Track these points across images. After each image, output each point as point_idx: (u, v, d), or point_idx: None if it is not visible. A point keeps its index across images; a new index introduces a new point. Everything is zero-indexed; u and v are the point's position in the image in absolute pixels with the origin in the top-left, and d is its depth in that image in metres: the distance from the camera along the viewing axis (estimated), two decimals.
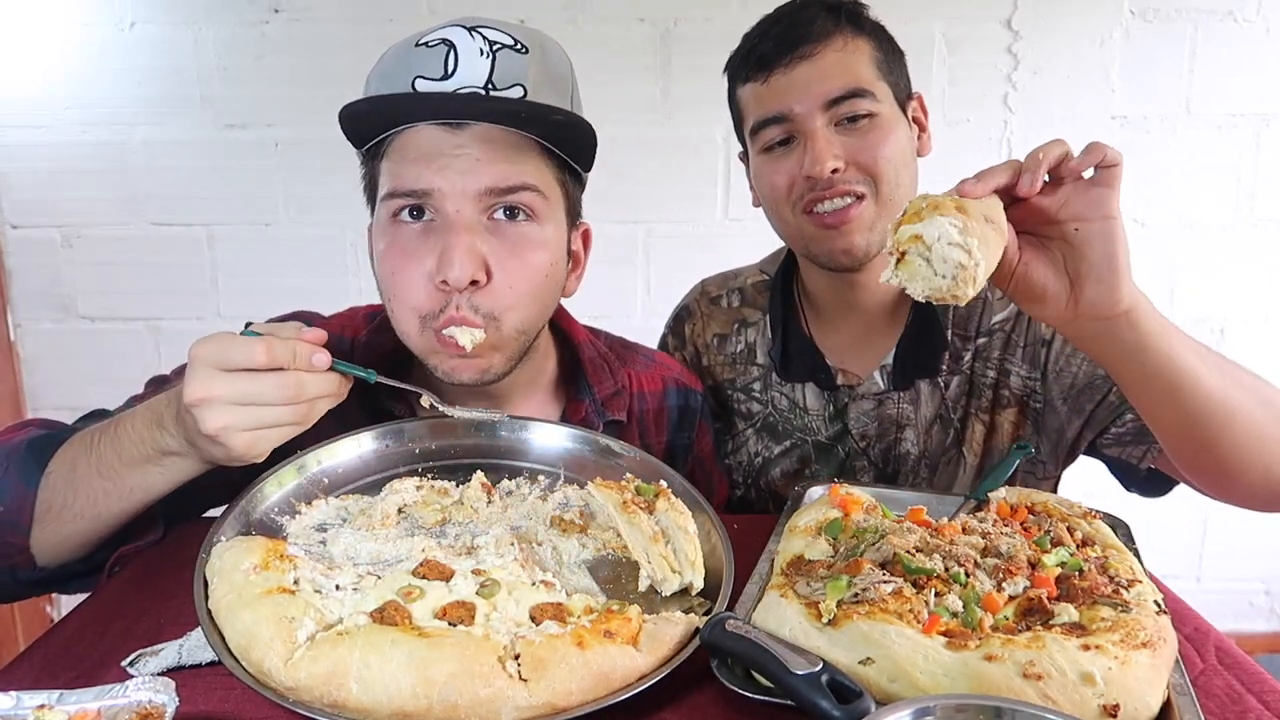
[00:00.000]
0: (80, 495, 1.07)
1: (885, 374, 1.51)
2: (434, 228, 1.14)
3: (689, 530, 1.04)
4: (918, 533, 1.00)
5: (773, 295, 1.61)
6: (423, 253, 1.13)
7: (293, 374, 0.99)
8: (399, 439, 1.22)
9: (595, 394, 1.37)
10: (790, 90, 1.36)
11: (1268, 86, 2.78)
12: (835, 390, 1.53)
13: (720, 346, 1.64)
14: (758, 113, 1.40)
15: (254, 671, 0.81)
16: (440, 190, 1.12)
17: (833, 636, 0.84)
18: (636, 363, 1.48)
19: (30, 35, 2.74)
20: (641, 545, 1.00)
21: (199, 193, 2.82)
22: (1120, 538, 1.06)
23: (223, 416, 0.96)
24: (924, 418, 1.50)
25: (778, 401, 1.58)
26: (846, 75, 1.35)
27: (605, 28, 2.73)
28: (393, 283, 1.17)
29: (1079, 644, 0.79)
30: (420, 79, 1.11)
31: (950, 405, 1.48)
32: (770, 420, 1.58)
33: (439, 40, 1.13)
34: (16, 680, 0.89)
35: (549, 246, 1.20)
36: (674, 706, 0.85)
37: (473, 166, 1.12)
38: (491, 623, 0.88)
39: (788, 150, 1.39)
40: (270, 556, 0.93)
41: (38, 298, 2.91)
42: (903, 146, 1.39)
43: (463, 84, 1.11)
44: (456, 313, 1.14)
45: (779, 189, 1.41)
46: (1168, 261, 2.89)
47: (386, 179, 1.16)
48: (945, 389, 1.49)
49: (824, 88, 1.35)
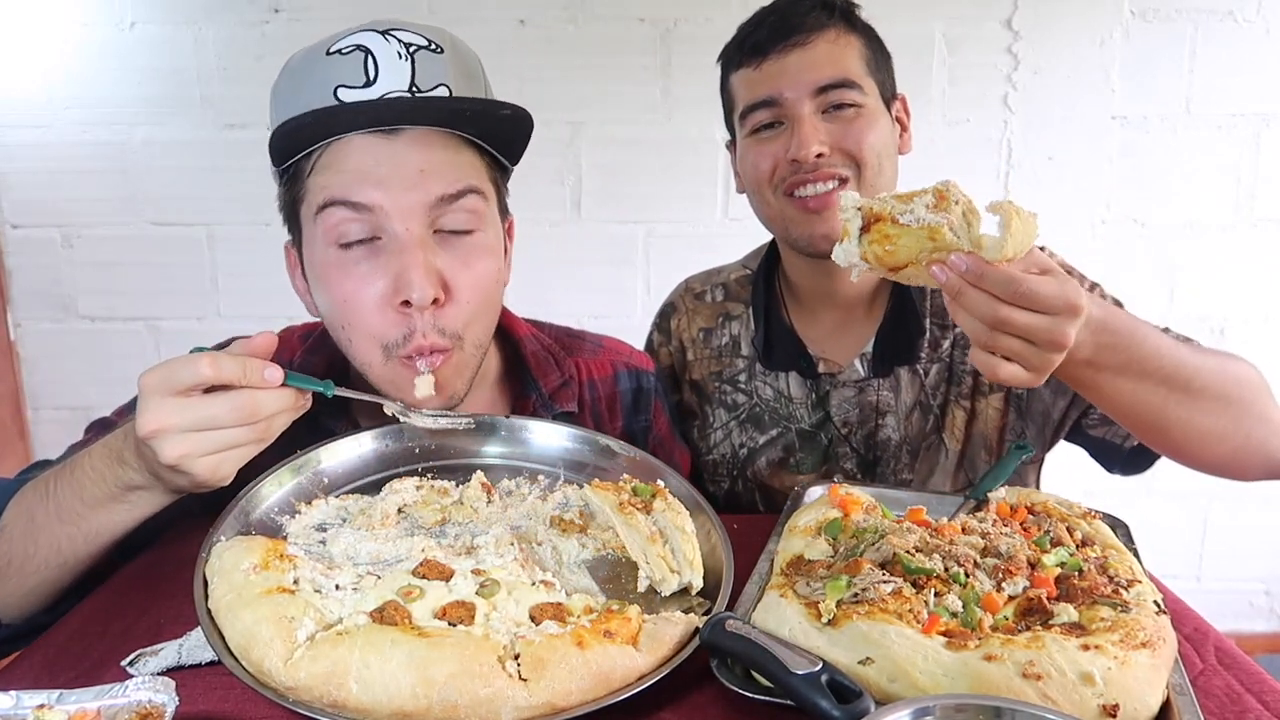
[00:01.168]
0: (42, 545, 1.04)
1: (865, 361, 1.54)
2: (381, 248, 1.09)
3: (687, 530, 1.04)
4: (917, 533, 1.00)
5: (755, 287, 1.65)
6: (374, 276, 1.09)
7: (246, 392, 0.95)
8: (399, 439, 1.22)
9: (541, 388, 1.35)
10: (782, 75, 1.41)
11: (1268, 86, 2.78)
12: (817, 378, 1.57)
13: (706, 340, 1.68)
14: (748, 97, 1.46)
15: (254, 671, 0.81)
16: (384, 208, 1.07)
17: (832, 636, 0.84)
18: (584, 350, 1.46)
19: (30, 35, 2.74)
20: (639, 546, 1.00)
21: (199, 193, 2.82)
22: (1120, 538, 1.06)
23: (180, 445, 0.93)
24: (904, 404, 1.53)
25: (762, 391, 1.61)
26: (836, 65, 1.41)
27: (605, 28, 2.73)
28: (345, 311, 1.11)
29: (1078, 644, 0.79)
30: (342, 88, 1.06)
31: (930, 392, 1.52)
32: (756, 411, 1.62)
33: (353, 47, 1.08)
34: (16, 680, 0.89)
35: (494, 251, 1.18)
36: (674, 706, 0.85)
37: (417, 179, 1.08)
38: (491, 623, 0.88)
39: (774, 134, 1.45)
40: (270, 556, 0.93)
41: (38, 298, 2.91)
42: (886, 138, 1.44)
43: (388, 89, 1.07)
44: (424, 340, 1.11)
45: (763, 171, 1.45)
46: (1168, 261, 2.89)
47: (319, 192, 1.09)
48: (924, 376, 1.53)
49: (814, 75, 1.40)
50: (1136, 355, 1.13)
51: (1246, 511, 3.01)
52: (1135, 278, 2.87)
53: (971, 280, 0.97)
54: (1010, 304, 0.97)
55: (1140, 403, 1.17)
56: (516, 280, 1.65)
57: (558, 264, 2.78)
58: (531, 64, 2.73)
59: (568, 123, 2.78)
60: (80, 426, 1.35)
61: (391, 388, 1.15)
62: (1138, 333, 1.13)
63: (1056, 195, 2.84)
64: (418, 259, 1.07)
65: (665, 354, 1.71)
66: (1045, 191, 2.84)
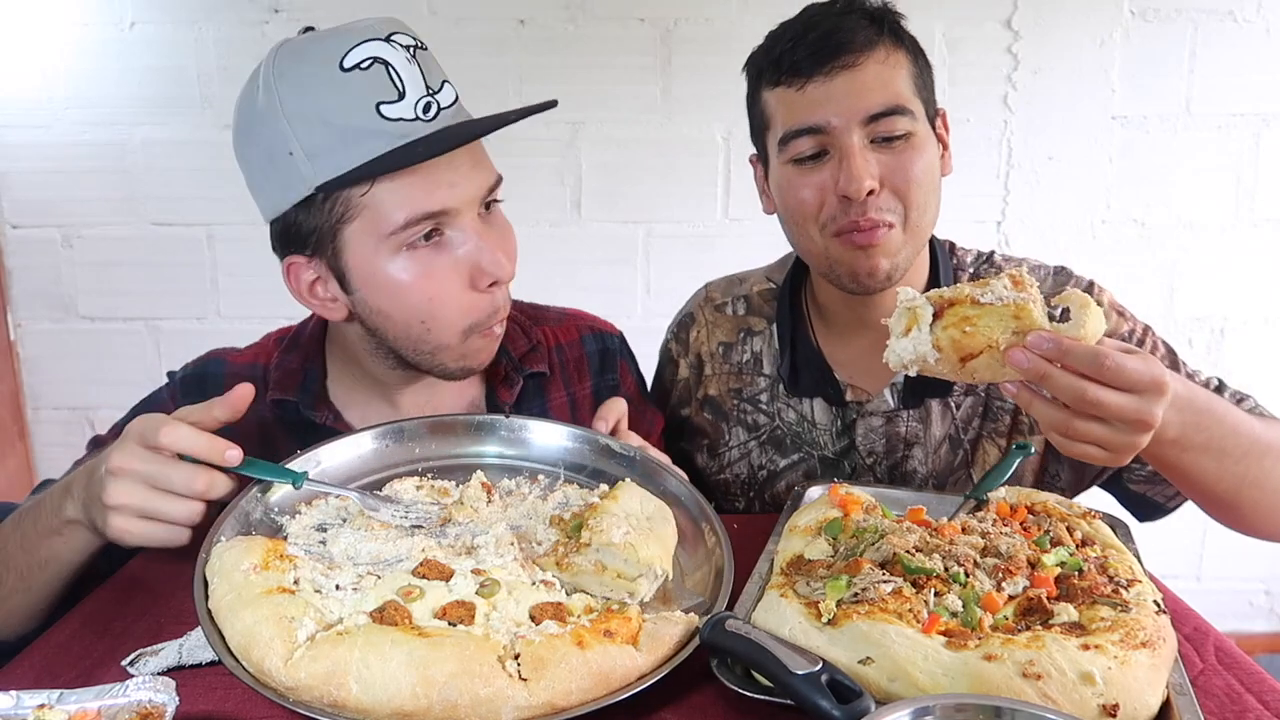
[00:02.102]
0: (11, 571, 1.10)
1: (895, 392, 1.46)
2: (445, 243, 1.16)
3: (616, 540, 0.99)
4: (917, 533, 1.00)
5: (780, 305, 1.56)
6: (454, 269, 1.17)
7: (206, 472, 1.00)
8: (399, 439, 1.22)
9: (510, 353, 1.40)
10: (828, 101, 1.29)
11: (1268, 86, 2.78)
12: (844, 406, 1.49)
13: (725, 355, 1.60)
14: (790, 121, 1.33)
15: (254, 671, 0.81)
16: (457, 209, 1.15)
17: (832, 636, 0.84)
18: (549, 320, 1.52)
19: (30, 35, 2.74)
20: (595, 587, 0.99)
21: (199, 193, 2.82)
22: (1120, 538, 1.06)
23: (125, 493, 0.98)
24: (934, 437, 1.46)
25: (785, 414, 1.54)
26: (887, 90, 1.29)
27: (605, 28, 2.73)
28: (431, 307, 1.18)
29: (1078, 644, 0.79)
30: (383, 104, 1.09)
31: (961, 426, 1.45)
32: (777, 433, 1.54)
33: (370, 60, 1.09)
34: (16, 680, 0.89)
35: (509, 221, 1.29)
36: (674, 706, 0.85)
37: (473, 174, 1.16)
38: (491, 622, 0.88)
39: (819, 164, 1.32)
40: (270, 556, 0.93)
41: (38, 298, 2.91)
42: (933, 170, 1.35)
43: (416, 97, 1.12)
44: (506, 305, 1.23)
45: (808, 204, 1.34)
46: (1168, 261, 2.89)
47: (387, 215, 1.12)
48: (956, 410, 1.45)
49: (865, 102, 1.28)
50: (1218, 434, 1.11)
51: None
52: (1135, 278, 2.87)
53: (1055, 358, 0.92)
54: (1098, 383, 0.92)
55: (1218, 480, 1.15)
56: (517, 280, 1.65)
57: (558, 264, 2.78)
58: (531, 64, 2.73)
59: (568, 123, 2.78)
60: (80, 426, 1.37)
61: (460, 359, 1.24)
62: (1217, 409, 1.11)
63: (1056, 195, 2.84)
64: (491, 240, 1.18)
65: (683, 366, 1.64)
66: (1045, 191, 2.84)
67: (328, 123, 1.10)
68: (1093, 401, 0.93)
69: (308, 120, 1.10)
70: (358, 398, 1.33)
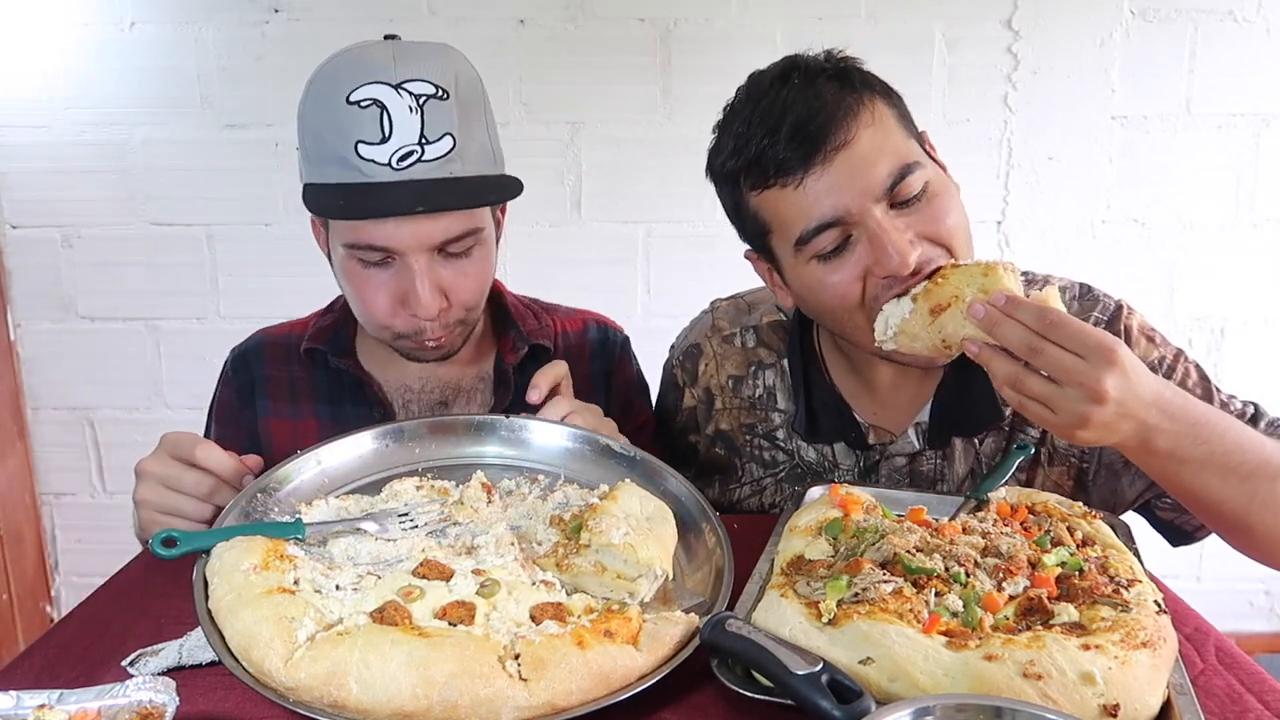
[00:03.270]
0: None
1: (920, 432, 1.38)
2: (392, 265, 1.28)
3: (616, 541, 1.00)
4: (918, 533, 1.00)
5: (791, 344, 1.47)
6: (390, 285, 1.29)
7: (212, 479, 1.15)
8: (399, 439, 1.22)
9: (521, 328, 1.53)
10: (836, 189, 1.17)
11: (1268, 86, 2.78)
12: (867, 449, 1.41)
13: (736, 389, 1.51)
14: (802, 221, 1.20)
15: (254, 671, 0.81)
16: (399, 250, 1.26)
17: (833, 636, 0.84)
18: (559, 313, 1.65)
19: (30, 35, 2.73)
20: (596, 589, 0.99)
21: (199, 193, 2.82)
22: (1120, 538, 1.06)
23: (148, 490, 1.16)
24: (957, 475, 1.40)
25: (805, 453, 1.46)
26: (890, 153, 1.19)
27: (605, 28, 2.72)
28: (362, 304, 1.33)
29: (1079, 644, 0.79)
30: (361, 144, 1.21)
31: (984, 462, 1.39)
32: (797, 471, 1.47)
33: (369, 100, 1.21)
34: (16, 680, 0.89)
35: (488, 253, 1.37)
36: (674, 706, 0.85)
37: (427, 229, 1.25)
38: (491, 623, 0.88)
39: (846, 251, 1.21)
40: (270, 556, 0.93)
41: (38, 298, 2.91)
42: (958, 205, 1.24)
43: (400, 144, 1.21)
44: (432, 335, 1.33)
45: (851, 295, 1.21)
46: (1168, 261, 2.89)
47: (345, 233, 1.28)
48: (979, 445, 1.39)
49: (873, 177, 1.17)
50: (1220, 449, 1.07)
51: None
52: (1135, 278, 2.87)
53: (1008, 311, 1.00)
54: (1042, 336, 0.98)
55: (1224, 500, 1.10)
56: (517, 281, 1.66)
57: (558, 264, 2.78)
58: (531, 64, 2.73)
59: (568, 123, 2.78)
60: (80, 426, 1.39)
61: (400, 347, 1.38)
62: (1218, 423, 1.08)
63: (1056, 195, 2.84)
64: (425, 282, 1.27)
65: (689, 395, 1.56)
66: (1045, 191, 2.84)
67: (319, 138, 1.26)
68: (1038, 352, 0.99)
69: (309, 129, 1.28)
70: (378, 356, 1.49)
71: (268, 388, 1.50)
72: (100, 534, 3.04)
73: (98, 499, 3.04)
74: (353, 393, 1.47)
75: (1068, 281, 1.43)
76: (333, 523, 1.05)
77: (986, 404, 1.32)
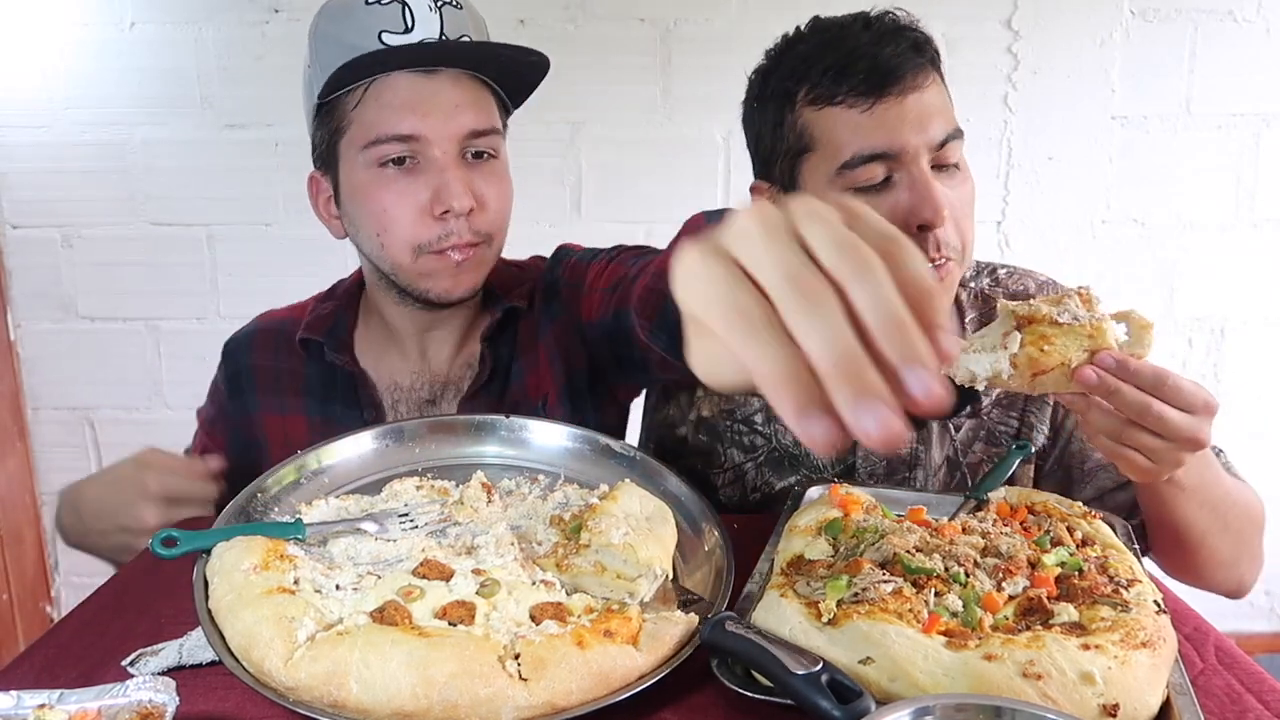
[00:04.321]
0: None
1: None
2: (418, 169, 1.27)
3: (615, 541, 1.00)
4: (918, 533, 1.00)
5: None
6: (413, 190, 1.27)
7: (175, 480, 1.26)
8: (399, 439, 1.22)
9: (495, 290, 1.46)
10: (901, 124, 1.19)
11: (1268, 86, 2.78)
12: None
13: None
14: (858, 145, 1.21)
15: (254, 671, 0.81)
16: (426, 136, 1.24)
17: (833, 636, 0.84)
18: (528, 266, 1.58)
19: (30, 35, 2.74)
20: (596, 589, 0.99)
21: (199, 193, 2.82)
22: (1120, 538, 1.06)
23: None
24: (933, 460, 1.44)
25: (782, 436, 1.50)
26: (948, 114, 1.24)
27: (605, 28, 2.73)
28: (385, 219, 1.28)
29: (1079, 643, 0.79)
30: (385, 33, 1.22)
31: (960, 449, 1.42)
32: (775, 455, 1.50)
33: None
34: (16, 680, 0.89)
35: (506, 164, 1.38)
36: (674, 706, 0.85)
37: (453, 112, 1.25)
38: (491, 622, 0.88)
39: (885, 190, 1.22)
40: (270, 556, 0.93)
41: (38, 298, 2.91)
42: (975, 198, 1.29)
43: (423, 36, 1.23)
44: (461, 239, 1.29)
45: None
46: (1168, 261, 2.89)
47: (366, 128, 1.26)
48: (955, 432, 1.42)
49: (934, 127, 1.21)
50: (1208, 478, 1.15)
51: None
52: (1135, 278, 2.88)
53: (1124, 377, 0.98)
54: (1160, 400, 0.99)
55: (1193, 525, 1.18)
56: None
57: None
58: None
59: (568, 123, 2.78)
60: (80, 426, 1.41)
61: (420, 279, 1.33)
62: (1208, 454, 1.15)
63: (1056, 195, 2.84)
64: (458, 175, 1.27)
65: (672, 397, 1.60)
66: (1045, 191, 2.84)
67: (336, 42, 1.25)
68: (1156, 416, 0.99)
69: (326, 39, 1.27)
70: (375, 349, 1.47)
71: (256, 378, 1.48)
72: None
73: None
74: (344, 391, 1.45)
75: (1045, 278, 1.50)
76: (333, 523, 1.05)
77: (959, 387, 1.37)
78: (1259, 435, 2.90)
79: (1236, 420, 2.91)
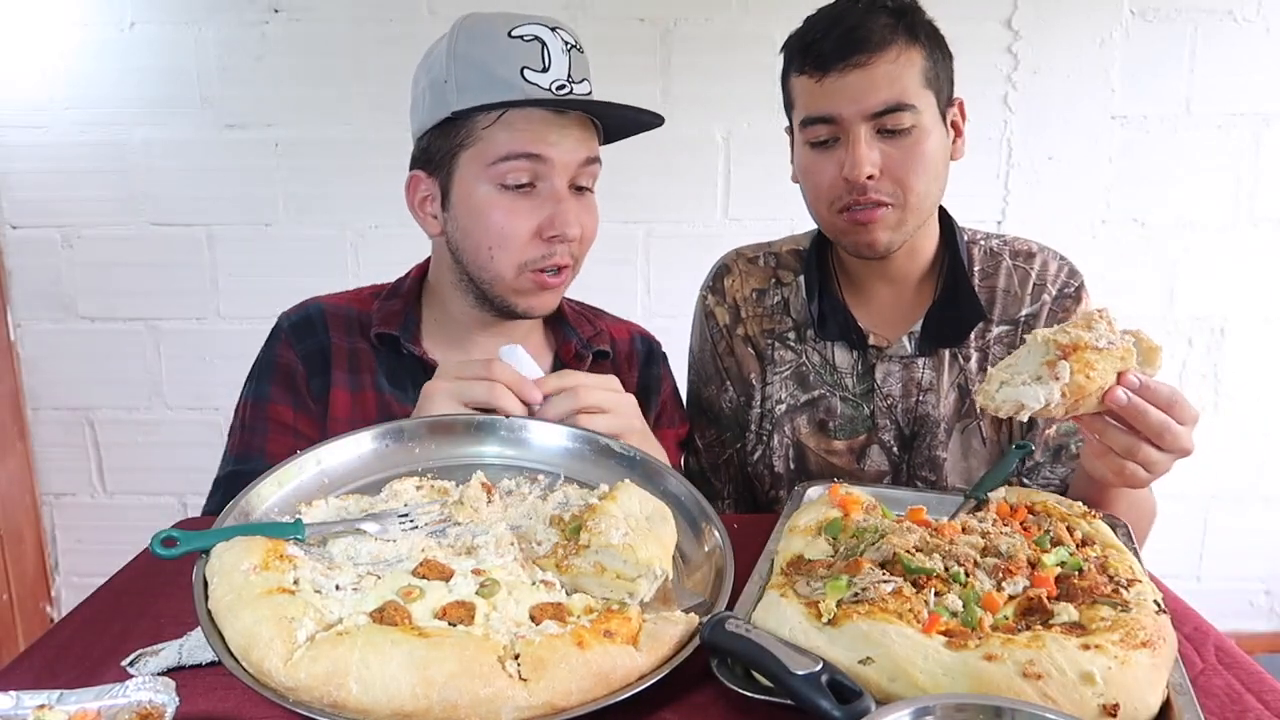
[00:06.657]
0: None
1: (913, 340, 1.60)
2: (535, 194, 1.39)
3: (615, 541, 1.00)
4: (917, 532, 1.00)
5: (808, 263, 1.69)
6: (531, 213, 1.39)
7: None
8: (399, 439, 1.22)
9: (580, 334, 1.61)
10: (840, 95, 1.43)
11: (1268, 86, 2.78)
12: (865, 351, 1.62)
13: (759, 300, 1.72)
14: (808, 109, 1.48)
15: (254, 671, 0.81)
16: (552, 160, 1.37)
17: (832, 636, 0.84)
18: (606, 320, 1.73)
19: (30, 35, 2.74)
20: (596, 589, 0.99)
21: (199, 193, 2.82)
22: (1120, 537, 1.06)
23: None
24: (945, 384, 1.59)
25: (810, 355, 1.67)
26: (893, 88, 1.42)
27: (605, 28, 2.73)
28: (500, 236, 1.40)
29: (1079, 643, 0.79)
30: (527, 69, 1.34)
31: (969, 376, 1.59)
32: (801, 370, 1.67)
33: (532, 36, 1.36)
34: (16, 680, 0.89)
35: (598, 212, 1.49)
36: (674, 706, 0.85)
37: (574, 146, 1.40)
38: (491, 623, 0.88)
39: (831, 148, 1.47)
40: (270, 556, 0.93)
41: (38, 298, 2.91)
42: (935, 158, 1.47)
43: (556, 77, 1.36)
44: (562, 260, 1.43)
45: (820, 187, 1.50)
46: (1168, 261, 2.89)
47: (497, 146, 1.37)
48: (964, 361, 1.59)
49: (871, 100, 1.41)
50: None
51: (1246, 512, 3.00)
52: (1135, 278, 2.87)
53: (1146, 397, 1.07)
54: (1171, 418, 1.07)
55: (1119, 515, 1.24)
56: None
57: None
58: None
59: None
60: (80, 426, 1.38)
61: (514, 293, 1.44)
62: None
63: (1056, 195, 2.84)
64: (573, 206, 1.40)
65: (720, 312, 1.74)
66: (1045, 191, 2.84)
67: (480, 68, 1.35)
68: (1173, 435, 1.07)
69: (467, 62, 1.36)
70: (441, 342, 1.54)
71: (333, 356, 1.52)
72: (100, 534, 3.04)
73: (98, 499, 3.04)
74: (414, 379, 1.46)
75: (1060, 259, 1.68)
76: (333, 523, 1.05)
77: (969, 311, 1.57)
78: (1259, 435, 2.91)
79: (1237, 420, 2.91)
